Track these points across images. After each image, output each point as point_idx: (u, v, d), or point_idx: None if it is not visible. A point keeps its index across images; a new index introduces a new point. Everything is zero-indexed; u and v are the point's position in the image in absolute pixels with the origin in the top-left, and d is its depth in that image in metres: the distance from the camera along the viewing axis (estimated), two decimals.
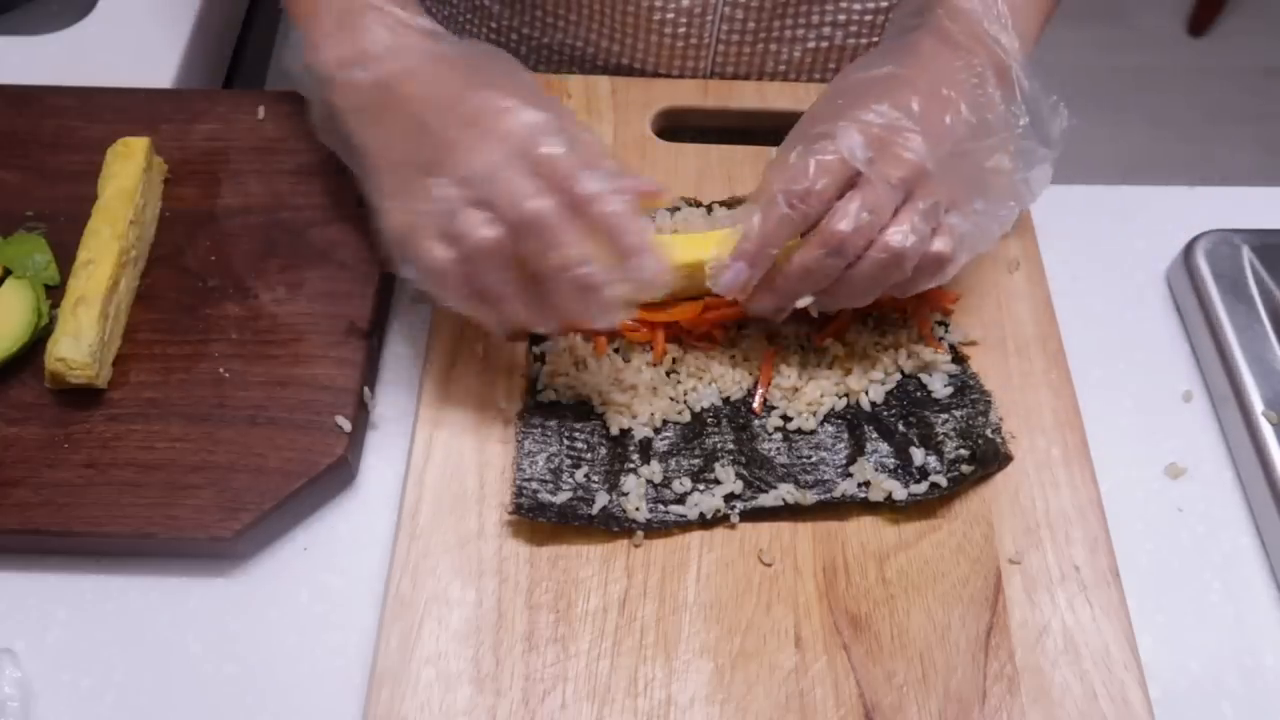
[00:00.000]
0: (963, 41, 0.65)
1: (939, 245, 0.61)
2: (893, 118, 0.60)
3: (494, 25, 0.88)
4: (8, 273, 0.67)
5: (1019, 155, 0.65)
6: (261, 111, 0.77)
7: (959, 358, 0.67)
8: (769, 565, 0.60)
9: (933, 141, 0.60)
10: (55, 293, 0.68)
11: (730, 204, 0.74)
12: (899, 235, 0.59)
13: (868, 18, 0.84)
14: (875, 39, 0.85)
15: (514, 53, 0.88)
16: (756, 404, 0.65)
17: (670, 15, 0.81)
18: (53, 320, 0.65)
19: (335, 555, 0.62)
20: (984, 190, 0.63)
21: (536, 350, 0.67)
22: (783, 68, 0.85)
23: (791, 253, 0.60)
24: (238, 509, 0.60)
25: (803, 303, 0.62)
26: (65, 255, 0.70)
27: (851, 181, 0.59)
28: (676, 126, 0.81)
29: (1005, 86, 0.64)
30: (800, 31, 0.83)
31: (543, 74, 0.84)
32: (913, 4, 0.69)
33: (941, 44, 0.65)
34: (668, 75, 0.84)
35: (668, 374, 0.66)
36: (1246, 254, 0.73)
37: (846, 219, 0.58)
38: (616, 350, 0.66)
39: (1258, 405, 0.67)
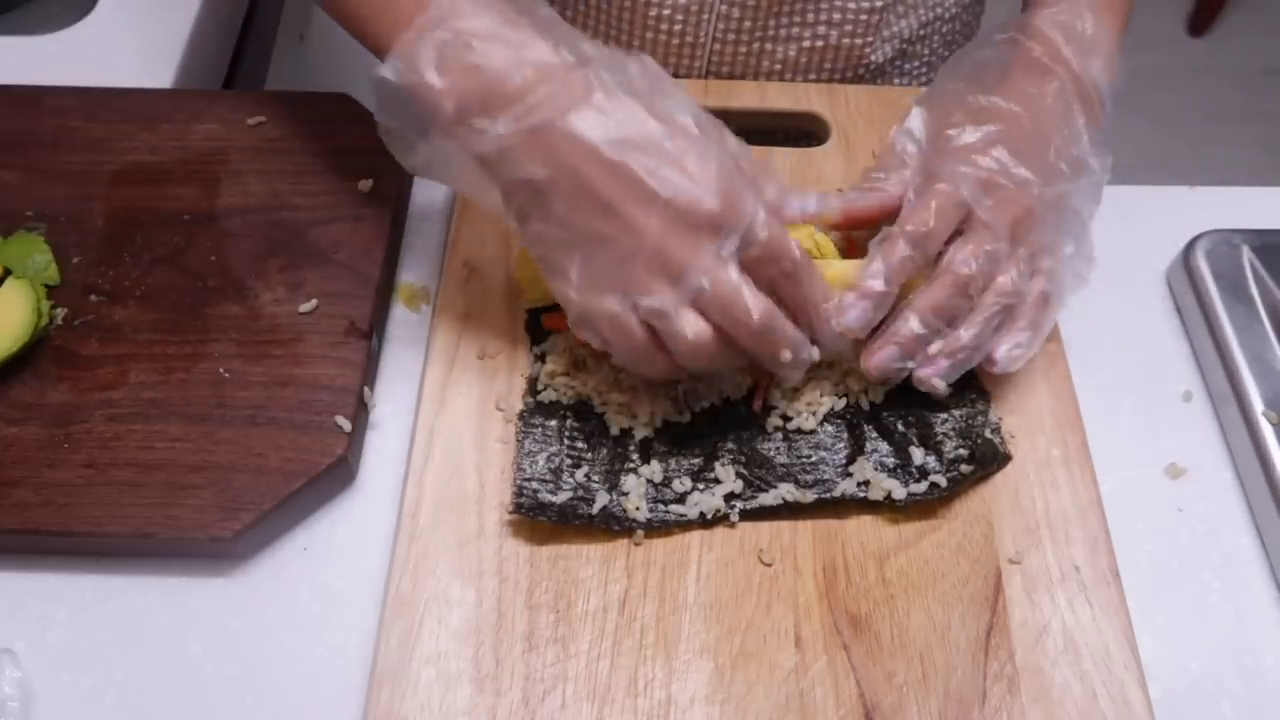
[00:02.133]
0: (1051, 67, 0.67)
1: (1040, 286, 0.63)
2: (1006, 161, 0.63)
3: None
4: (8, 273, 0.67)
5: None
6: (261, 116, 0.77)
7: None
8: (769, 565, 0.60)
9: (1040, 183, 0.63)
10: (55, 292, 0.68)
11: None
12: (1012, 278, 0.62)
13: (863, 17, 0.84)
14: (871, 38, 0.85)
15: None
16: (756, 404, 0.65)
17: (666, 12, 0.81)
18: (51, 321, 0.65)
19: (335, 555, 0.62)
20: (1075, 233, 0.65)
21: (536, 350, 0.67)
22: (778, 66, 0.85)
23: (909, 295, 0.62)
24: (238, 509, 0.60)
25: (927, 371, 0.62)
26: (65, 255, 0.70)
27: (962, 225, 0.62)
28: None
29: (1091, 117, 0.67)
30: (796, 30, 0.83)
31: None
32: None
33: (1032, 72, 0.67)
34: None
35: None
36: (1246, 254, 0.73)
37: (968, 261, 0.61)
38: None
39: (1258, 405, 0.67)
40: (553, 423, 0.63)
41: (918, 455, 0.62)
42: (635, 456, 0.62)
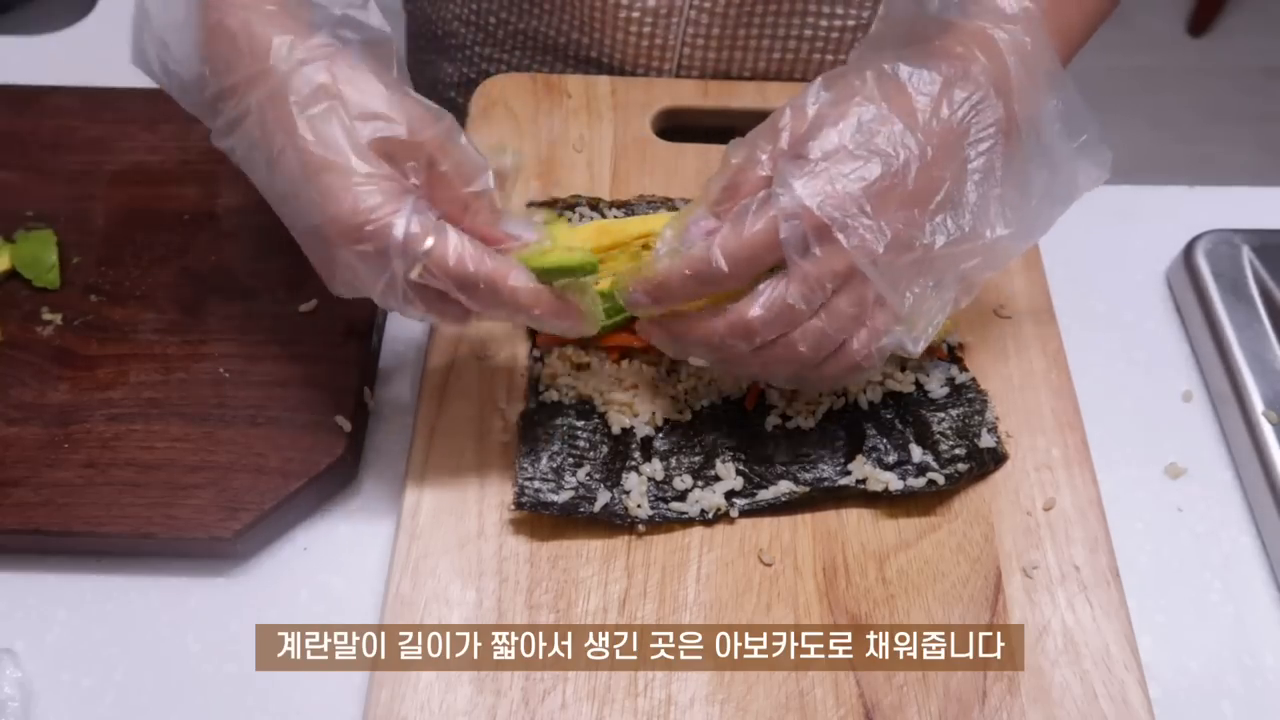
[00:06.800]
0: (982, 82, 0.56)
1: (857, 348, 0.56)
2: (856, 202, 0.53)
3: (474, 7, 0.89)
4: (13, 271, 0.68)
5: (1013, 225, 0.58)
6: None
7: (955, 358, 0.67)
8: (769, 565, 0.60)
9: (889, 241, 0.54)
10: (55, 293, 0.68)
11: None
12: (808, 337, 0.55)
13: (834, 35, 0.84)
14: (842, 56, 0.84)
15: (490, 37, 0.89)
16: (748, 403, 0.65)
17: (636, 14, 0.81)
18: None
19: (335, 555, 0.62)
20: (935, 280, 0.56)
21: (536, 351, 0.67)
22: (747, 74, 0.85)
23: (701, 306, 0.57)
24: (238, 509, 0.60)
25: (696, 361, 0.59)
26: (65, 255, 0.70)
27: (781, 258, 0.54)
28: (676, 126, 0.81)
29: (1011, 149, 0.57)
30: (766, 43, 0.83)
31: (541, 73, 0.84)
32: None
33: (957, 83, 0.56)
34: (633, 73, 0.84)
35: (668, 373, 0.66)
36: (1246, 254, 0.73)
37: (761, 308, 0.54)
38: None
39: (1258, 405, 0.67)
40: (554, 422, 0.63)
41: (916, 453, 0.62)
42: (636, 455, 0.62)
